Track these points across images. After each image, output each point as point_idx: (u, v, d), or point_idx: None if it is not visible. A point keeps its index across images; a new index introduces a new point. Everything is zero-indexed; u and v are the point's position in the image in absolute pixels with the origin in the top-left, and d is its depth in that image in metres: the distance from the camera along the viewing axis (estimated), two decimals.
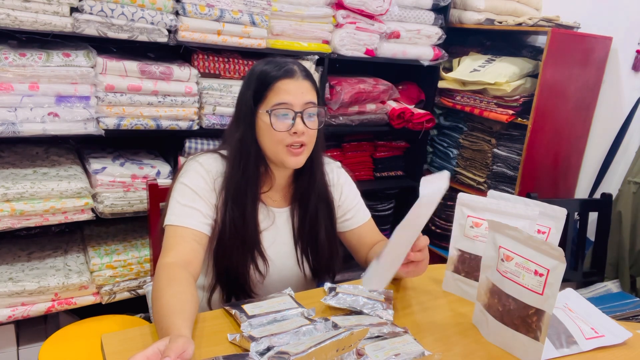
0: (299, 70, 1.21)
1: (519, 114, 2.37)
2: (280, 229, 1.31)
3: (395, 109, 2.55)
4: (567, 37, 2.28)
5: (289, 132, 1.18)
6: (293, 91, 1.18)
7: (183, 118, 1.96)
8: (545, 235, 1.23)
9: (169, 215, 1.19)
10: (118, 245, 2.04)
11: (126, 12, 1.75)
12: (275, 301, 1.12)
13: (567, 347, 1.10)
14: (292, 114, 1.18)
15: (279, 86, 1.18)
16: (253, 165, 1.23)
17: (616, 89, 2.50)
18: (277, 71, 1.19)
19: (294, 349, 0.86)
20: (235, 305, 1.11)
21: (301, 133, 1.18)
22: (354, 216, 1.39)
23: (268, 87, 1.18)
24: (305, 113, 1.19)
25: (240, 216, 1.21)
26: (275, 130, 1.17)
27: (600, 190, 2.42)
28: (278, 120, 1.18)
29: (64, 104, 1.74)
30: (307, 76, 1.22)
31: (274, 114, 1.17)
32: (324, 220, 1.32)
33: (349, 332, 0.87)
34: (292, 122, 1.17)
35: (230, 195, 1.21)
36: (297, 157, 1.21)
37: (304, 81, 1.20)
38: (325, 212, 1.32)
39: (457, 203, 1.29)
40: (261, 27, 2.05)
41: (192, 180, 1.21)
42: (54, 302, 1.84)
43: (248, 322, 1.02)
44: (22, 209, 1.70)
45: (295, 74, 1.19)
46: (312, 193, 1.30)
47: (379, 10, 2.31)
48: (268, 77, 1.19)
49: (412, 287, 1.33)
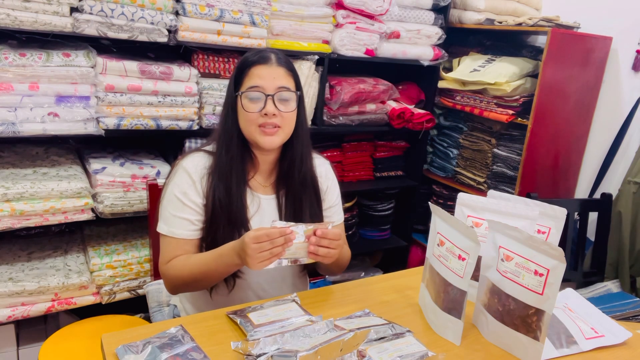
0: (275, 58, 1.28)
1: (519, 114, 2.37)
2: (266, 215, 1.34)
3: (395, 109, 2.55)
4: (567, 37, 2.28)
5: (260, 113, 1.25)
6: (266, 76, 1.25)
7: (183, 118, 1.96)
8: (545, 235, 1.23)
9: (161, 223, 1.29)
10: (118, 245, 2.04)
11: (126, 12, 1.75)
12: (281, 308, 1.11)
13: (567, 347, 1.10)
14: (263, 96, 1.25)
15: (253, 71, 1.26)
16: (236, 147, 1.29)
17: (616, 89, 2.50)
18: (253, 57, 1.28)
19: (300, 347, 0.86)
20: (240, 313, 1.10)
21: (272, 114, 1.25)
22: (332, 215, 1.45)
23: (244, 72, 1.28)
24: (277, 96, 1.26)
25: (226, 195, 1.27)
26: (246, 111, 1.26)
27: (600, 190, 2.42)
28: (250, 102, 1.26)
29: (64, 104, 1.74)
30: (284, 63, 1.29)
31: (246, 96, 1.26)
32: (310, 208, 1.36)
33: (353, 332, 0.87)
34: (262, 106, 1.25)
35: (216, 176, 1.28)
36: (270, 137, 1.27)
37: (278, 67, 1.28)
38: (311, 199, 1.37)
39: (457, 203, 1.29)
40: (261, 27, 2.05)
41: (179, 187, 1.29)
42: (54, 302, 1.84)
43: (254, 331, 1.01)
44: (22, 209, 1.70)
45: (270, 61, 1.27)
46: (294, 178, 1.35)
47: (379, 10, 2.31)
48: (245, 63, 1.28)
49: (411, 287, 1.33)
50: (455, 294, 1.06)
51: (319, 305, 1.20)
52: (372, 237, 2.86)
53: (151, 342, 0.98)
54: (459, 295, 1.06)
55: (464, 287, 1.04)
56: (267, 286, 1.36)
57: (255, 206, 1.33)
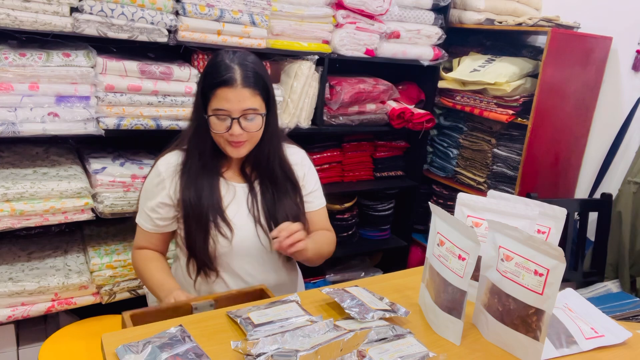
0: (240, 78, 1.30)
1: (519, 114, 2.37)
2: (241, 202, 1.42)
3: (395, 109, 2.55)
4: (567, 37, 2.28)
5: (227, 132, 1.31)
6: (231, 99, 1.29)
7: (183, 118, 1.96)
8: (545, 235, 1.23)
9: (138, 215, 1.45)
10: (118, 245, 2.04)
11: (126, 12, 1.75)
12: (282, 308, 1.11)
13: (567, 347, 1.10)
14: (229, 119, 1.30)
15: (219, 93, 1.29)
16: (209, 148, 1.37)
17: (616, 89, 2.50)
18: (219, 78, 1.29)
19: (300, 347, 0.86)
20: (239, 313, 1.10)
21: (238, 135, 1.31)
22: (312, 200, 1.51)
23: (211, 92, 1.31)
24: (242, 118, 1.30)
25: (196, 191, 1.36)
26: (214, 130, 1.33)
27: (600, 190, 2.42)
28: (218, 122, 1.32)
29: (64, 104, 1.74)
30: (251, 84, 1.31)
31: (214, 117, 1.31)
32: (285, 196, 1.43)
33: (354, 332, 0.87)
34: (229, 125, 1.30)
35: (187, 174, 1.37)
36: (238, 149, 1.35)
37: (243, 89, 1.29)
38: (286, 187, 1.44)
39: (457, 203, 1.29)
40: (261, 27, 2.05)
41: (152, 184, 1.40)
42: (54, 302, 1.84)
43: (254, 331, 1.02)
44: (22, 209, 1.70)
45: (234, 83, 1.29)
46: (263, 168, 1.42)
47: (379, 10, 2.31)
48: (211, 84, 1.31)
49: (411, 287, 1.33)
50: (455, 294, 1.06)
51: (319, 305, 1.20)
52: (372, 237, 2.86)
53: (151, 342, 0.98)
54: (459, 295, 1.06)
55: (464, 287, 1.04)
56: (253, 271, 1.43)
57: (231, 195, 1.41)
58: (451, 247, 1.07)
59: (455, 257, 1.06)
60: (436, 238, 1.14)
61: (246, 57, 1.34)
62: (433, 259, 1.15)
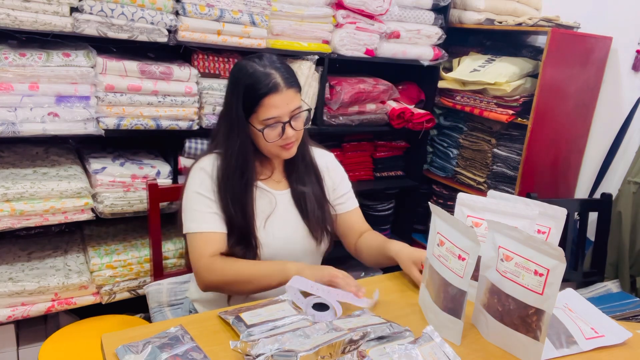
0: (282, 81, 1.27)
1: (519, 114, 2.37)
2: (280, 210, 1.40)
3: (395, 109, 2.55)
4: (567, 37, 2.28)
5: (281, 138, 1.30)
6: (279, 104, 1.27)
7: (183, 118, 1.96)
8: (545, 235, 1.23)
9: (189, 223, 1.32)
10: (118, 245, 2.04)
11: (126, 12, 1.75)
12: (274, 308, 1.11)
13: (567, 347, 1.10)
14: (281, 124, 1.29)
15: (267, 102, 1.27)
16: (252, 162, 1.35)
17: (616, 89, 2.50)
18: (264, 87, 1.27)
19: (300, 346, 0.86)
20: (232, 313, 1.10)
21: (292, 136, 1.31)
22: (345, 201, 1.52)
23: (257, 103, 1.28)
24: (293, 119, 1.30)
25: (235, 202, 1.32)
26: (268, 141, 1.30)
27: (600, 190, 2.42)
28: (270, 131, 1.29)
29: (64, 104, 1.74)
30: (291, 83, 1.29)
31: (266, 126, 1.29)
32: (314, 194, 1.44)
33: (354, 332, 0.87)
34: (282, 130, 1.29)
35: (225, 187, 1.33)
36: (290, 150, 1.35)
37: (288, 90, 1.28)
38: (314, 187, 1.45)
39: (457, 203, 1.29)
40: (261, 27, 2.05)
41: (201, 186, 1.33)
42: (54, 302, 1.84)
43: (247, 332, 1.01)
44: (22, 209, 1.70)
45: (279, 87, 1.27)
46: (300, 170, 1.43)
47: (379, 10, 2.31)
48: (256, 94, 1.27)
49: (411, 288, 1.33)
50: (455, 294, 1.06)
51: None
52: None
53: (151, 342, 0.98)
54: (458, 295, 1.06)
55: (463, 287, 1.04)
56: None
57: (273, 205, 1.39)
58: (451, 247, 1.07)
59: (455, 257, 1.06)
60: (436, 238, 1.14)
61: (272, 58, 1.33)
62: (433, 259, 1.15)
